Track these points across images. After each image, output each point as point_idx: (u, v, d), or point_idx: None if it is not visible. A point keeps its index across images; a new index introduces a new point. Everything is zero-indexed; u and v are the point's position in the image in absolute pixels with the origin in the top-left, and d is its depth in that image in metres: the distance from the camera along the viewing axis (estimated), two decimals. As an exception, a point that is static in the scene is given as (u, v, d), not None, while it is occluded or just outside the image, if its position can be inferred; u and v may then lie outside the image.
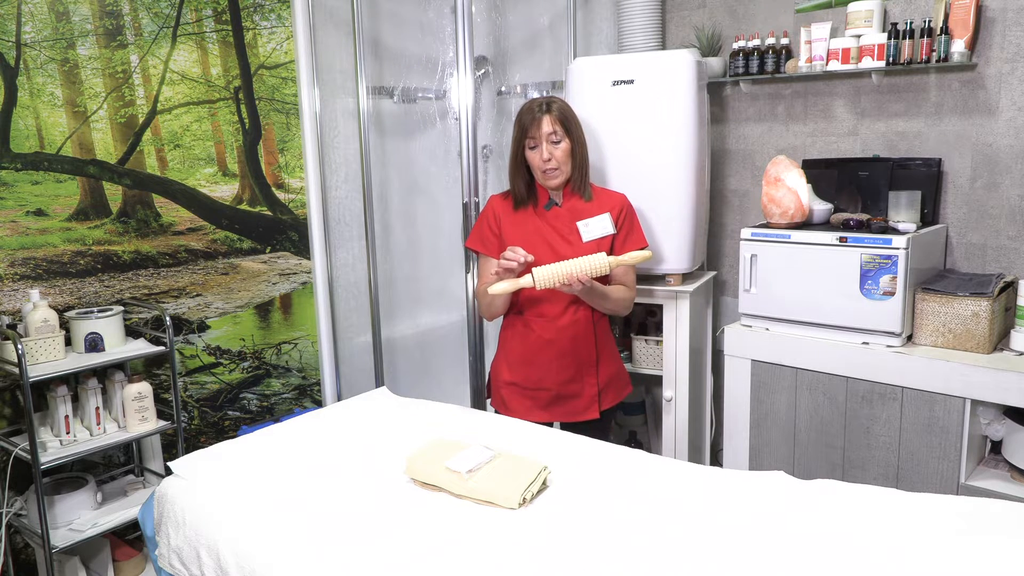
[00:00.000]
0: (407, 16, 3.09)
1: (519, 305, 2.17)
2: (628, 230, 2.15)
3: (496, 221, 2.17)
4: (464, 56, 2.63)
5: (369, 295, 2.94)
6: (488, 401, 2.30)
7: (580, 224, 2.11)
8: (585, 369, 2.15)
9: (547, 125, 2.04)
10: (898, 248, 2.15)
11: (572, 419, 2.16)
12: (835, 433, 2.30)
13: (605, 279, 2.11)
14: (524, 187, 2.15)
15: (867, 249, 2.19)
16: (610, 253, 2.13)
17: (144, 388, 2.29)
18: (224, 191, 2.75)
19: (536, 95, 3.05)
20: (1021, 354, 2.11)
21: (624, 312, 2.19)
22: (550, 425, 2.15)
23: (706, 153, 2.59)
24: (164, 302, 2.59)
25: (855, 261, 2.21)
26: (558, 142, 2.05)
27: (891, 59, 2.40)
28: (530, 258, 1.95)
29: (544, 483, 1.58)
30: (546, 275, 1.91)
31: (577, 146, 2.09)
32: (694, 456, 2.75)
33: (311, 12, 2.77)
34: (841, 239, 2.23)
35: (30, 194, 2.30)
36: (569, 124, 2.07)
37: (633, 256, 1.95)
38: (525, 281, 1.93)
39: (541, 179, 2.10)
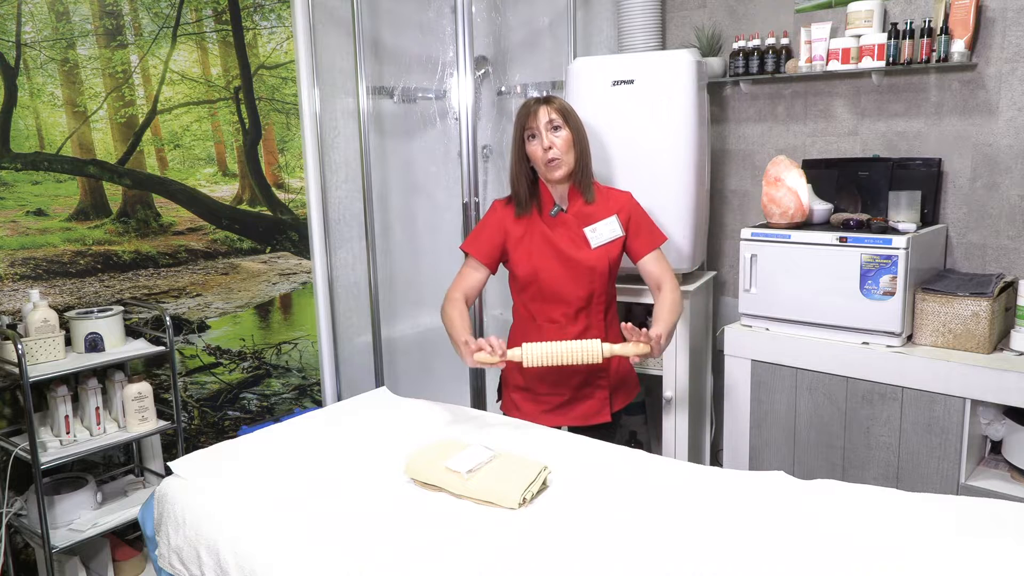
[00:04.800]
0: (407, 16, 3.09)
1: (530, 310, 2.14)
2: (637, 230, 2.10)
3: (500, 231, 2.11)
4: (464, 56, 2.63)
5: (369, 295, 2.94)
6: (499, 404, 2.28)
7: (587, 230, 2.07)
8: (597, 372, 2.13)
9: (544, 115, 2.01)
10: (898, 248, 2.15)
11: (584, 423, 2.13)
12: (835, 433, 2.30)
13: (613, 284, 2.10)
14: (527, 186, 2.09)
15: (867, 249, 2.19)
16: (621, 254, 2.11)
17: (144, 388, 2.29)
18: (224, 191, 2.75)
19: (536, 95, 3.04)
20: (1021, 354, 2.11)
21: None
22: (559, 428, 2.13)
23: (706, 153, 2.59)
24: (164, 302, 2.59)
25: (855, 261, 2.21)
26: (558, 129, 2.01)
27: (891, 59, 2.40)
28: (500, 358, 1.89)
29: (544, 483, 1.58)
30: (536, 354, 1.85)
31: (577, 136, 2.05)
32: (694, 456, 2.75)
33: (311, 12, 2.77)
34: (841, 239, 2.23)
35: (30, 194, 2.30)
36: (568, 115, 2.04)
37: (626, 348, 1.86)
38: (513, 354, 1.87)
39: (543, 172, 2.05)
